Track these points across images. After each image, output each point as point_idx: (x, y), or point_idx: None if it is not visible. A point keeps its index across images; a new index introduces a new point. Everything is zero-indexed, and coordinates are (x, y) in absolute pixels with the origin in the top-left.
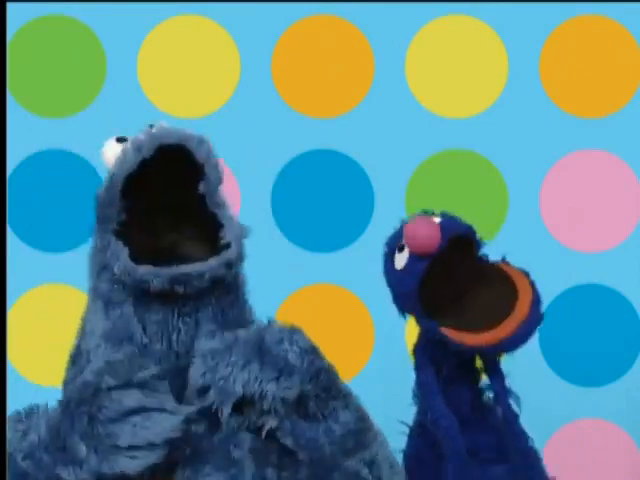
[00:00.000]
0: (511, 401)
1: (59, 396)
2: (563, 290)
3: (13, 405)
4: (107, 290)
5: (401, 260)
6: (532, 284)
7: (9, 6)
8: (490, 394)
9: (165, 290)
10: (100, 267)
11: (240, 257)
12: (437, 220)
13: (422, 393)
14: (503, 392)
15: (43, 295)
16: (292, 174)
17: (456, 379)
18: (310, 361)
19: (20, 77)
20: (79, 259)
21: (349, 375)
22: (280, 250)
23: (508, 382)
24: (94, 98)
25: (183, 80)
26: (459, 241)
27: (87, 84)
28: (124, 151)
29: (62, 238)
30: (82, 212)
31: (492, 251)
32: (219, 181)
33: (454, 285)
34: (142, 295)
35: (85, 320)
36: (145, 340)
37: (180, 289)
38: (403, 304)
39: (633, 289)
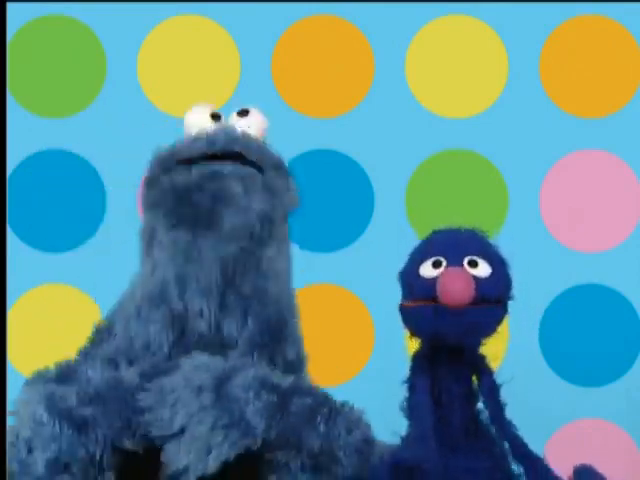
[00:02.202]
0: (509, 425)
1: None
2: (563, 290)
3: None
4: (157, 253)
5: (428, 272)
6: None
7: (9, 6)
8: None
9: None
10: (149, 236)
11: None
12: (474, 275)
13: (412, 413)
14: (508, 422)
15: (43, 295)
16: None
17: (450, 397)
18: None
19: (20, 77)
20: (79, 259)
21: (349, 375)
22: None
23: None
24: (94, 98)
25: (183, 80)
26: None
27: (87, 84)
28: (199, 135)
29: (62, 238)
30: (82, 212)
31: None
32: (290, 208)
33: None
34: (189, 256)
35: (122, 296)
36: (179, 307)
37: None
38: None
39: (633, 289)
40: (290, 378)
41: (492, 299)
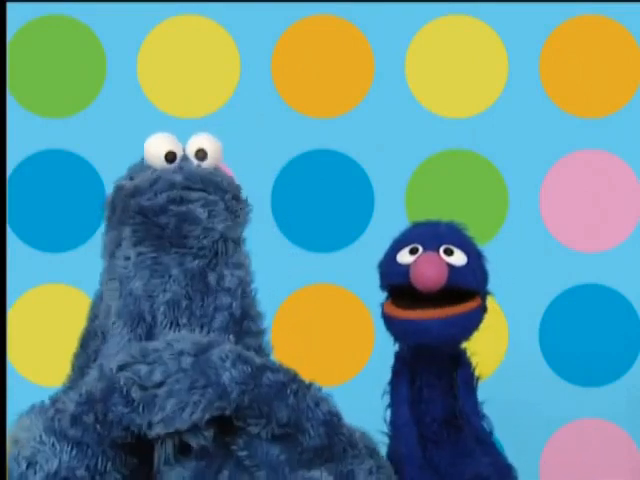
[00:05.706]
0: (484, 423)
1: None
2: (563, 290)
3: (13, 405)
4: (122, 267)
5: (405, 258)
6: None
7: (9, 6)
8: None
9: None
10: (115, 244)
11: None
12: (450, 262)
13: (392, 399)
14: (475, 413)
15: (43, 295)
16: (292, 174)
17: (432, 393)
18: (241, 390)
19: (20, 77)
20: (79, 259)
21: (349, 375)
22: (280, 250)
23: (480, 404)
24: (94, 98)
25: (183, 80)
26: None
27: (87, 84)
28: (159, 176)
29: (62, 238)
30: (82, 212)
31: (492, 251)
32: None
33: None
34: (156, 271)
35: (96, 305)
36: (149, 319)
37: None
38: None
39: (633, 289)
40: (263, 358)
41: (466, 288)
